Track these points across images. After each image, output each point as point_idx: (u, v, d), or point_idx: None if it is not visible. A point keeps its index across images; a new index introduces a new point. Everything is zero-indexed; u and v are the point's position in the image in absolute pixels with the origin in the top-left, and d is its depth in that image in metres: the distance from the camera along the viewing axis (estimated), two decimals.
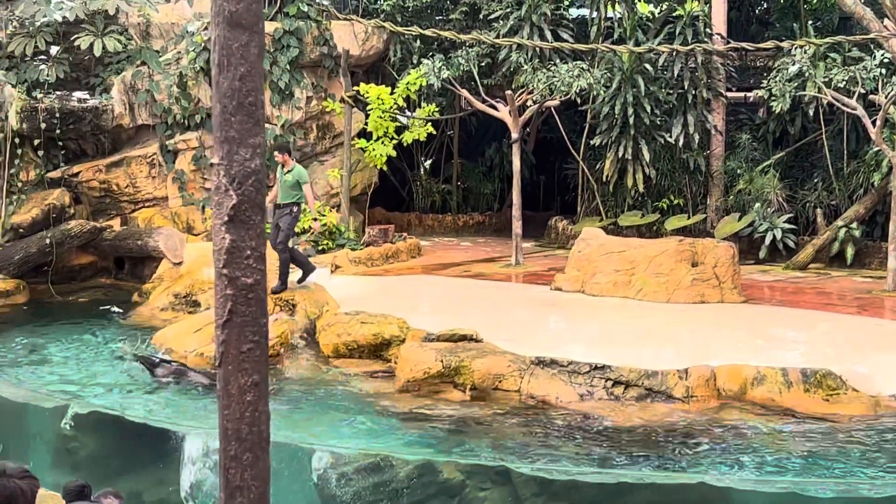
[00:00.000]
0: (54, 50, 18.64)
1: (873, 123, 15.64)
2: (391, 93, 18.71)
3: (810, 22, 20.17)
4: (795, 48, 17.54)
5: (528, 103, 18.57)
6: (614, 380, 10.34)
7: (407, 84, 19.14)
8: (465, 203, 24.14)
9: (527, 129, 21.45)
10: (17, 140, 17.79)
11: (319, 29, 19.83)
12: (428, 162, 24.03)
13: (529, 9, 20.32)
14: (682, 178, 19.78)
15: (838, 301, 14.75)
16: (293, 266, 13.47)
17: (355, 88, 19.00)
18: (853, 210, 17.89)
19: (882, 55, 16.64)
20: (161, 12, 19.58)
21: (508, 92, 18.22)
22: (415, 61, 20.72)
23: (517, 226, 17.77)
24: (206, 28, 18.63)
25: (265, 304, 3.04)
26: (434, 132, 20.12)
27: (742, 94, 21.38)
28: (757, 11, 22.73)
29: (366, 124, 19.06)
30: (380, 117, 18.60)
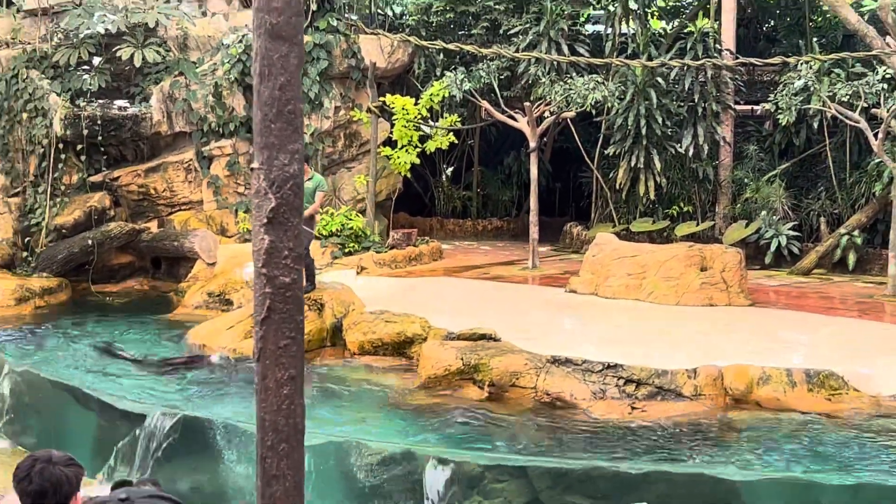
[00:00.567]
0: (97, 60, 18.69)
1: (875, 136, 15.58)
2: (415, 103, 18.68)
3: (815, 39, 20.06)
4: (801, 64, 17.45)
5: (546, 114, 18.54)
6: (626, 378, 10.32)
7: (430, 95, 19.11)
8: (485, 209, 24.08)
9: (544, 139, 21.38)
10: (61, 146, 17.87)
11: (348, 42, 19.83)
12: (449, 169, 23.98)
13: (547, 24, 20.28)
14: (692, 187, 19.69)
15: (840, 305, 14.68)
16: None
17: (381, 99, 18.99)
18: (855, 218, 17.78)
19: (884, 71, 16.54)
20: (198, 26, 19.67)
21: (527, 103, 18.20)
22: (438, 74, 20.69)
23: (534, 231, 17.77)
24: (241, 41, 18.69)
25: (302, 303, 3.05)
26: (455, 141, 20.08)
27: (750, 107, 21.25)
28: (764, 28, 22.61)
29: (391, 133, 19.05)
30: (404, 126, 18.58)
